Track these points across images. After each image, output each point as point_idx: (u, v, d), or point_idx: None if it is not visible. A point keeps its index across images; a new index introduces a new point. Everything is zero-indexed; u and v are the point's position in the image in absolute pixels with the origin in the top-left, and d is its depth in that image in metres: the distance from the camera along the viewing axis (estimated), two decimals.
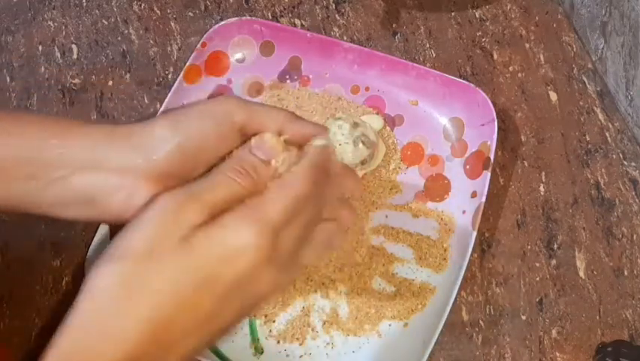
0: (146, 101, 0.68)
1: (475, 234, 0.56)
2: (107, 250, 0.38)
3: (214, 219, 0.38)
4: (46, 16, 0.73)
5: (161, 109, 0.63)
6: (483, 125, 0.61)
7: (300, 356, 0.55)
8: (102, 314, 0.37)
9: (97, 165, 0.42)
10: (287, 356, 0.55)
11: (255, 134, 0.44)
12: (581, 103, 0.66)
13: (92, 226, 0.59)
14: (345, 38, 0.70)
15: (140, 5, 0.73)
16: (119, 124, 0.43)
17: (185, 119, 0.43)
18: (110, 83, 0.69)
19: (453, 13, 0.71)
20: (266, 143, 0.43)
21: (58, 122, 0.44)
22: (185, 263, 0.37)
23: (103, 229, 0.59)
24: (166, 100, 0.63)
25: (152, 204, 0.39)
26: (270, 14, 0.72)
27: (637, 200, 0.62)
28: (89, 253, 0.57)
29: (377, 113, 0.64)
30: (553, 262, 0.60)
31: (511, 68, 0.68)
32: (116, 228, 0.58)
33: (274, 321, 0.56)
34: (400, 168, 0.62)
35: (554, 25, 0.70)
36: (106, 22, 0.72)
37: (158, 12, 0.72)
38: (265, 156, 0.42)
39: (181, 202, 0.38)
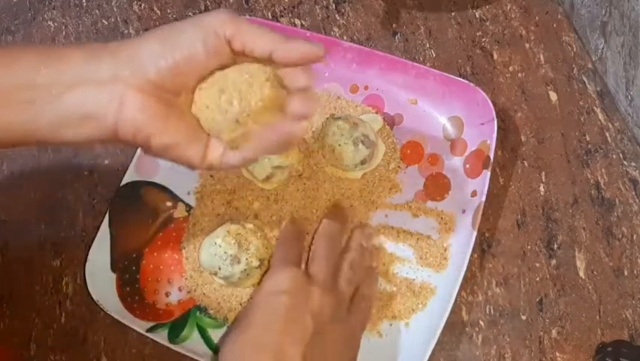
0: None
1: (475, 233, 0.56)
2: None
3: None
4: (46, 16, 0.73)
5: None
6: (483, 124, 0.61)
7: None
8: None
9: (88, 79, 0.42)
10: None
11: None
12: (581, 103, 0.66)
13: (91, 227, 0.60)
14: (345, 38, 0.70)
15: (140, 5, 0.73)
16: (110, 42, 0.44)
17: (174, 34, 0.43)
18: None
19: (453, 13, 0.71)
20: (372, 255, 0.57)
21: (50, 49, 0.44)
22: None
23: (102, 233, 0.59)
24: None
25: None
26: (270, 14, 0.72)
27: (637, 200, 0.62)
28: (88, 258, 0.57)
29: (376, 113, 0.64)
30: (553, 262, 0.60)
31: (511, 68, 0.68)
32: (117, 232, 0.58)
33: None
34: (399, 167, 0.62)
35: (554, 25, 0.70)
36: (106, 22, 0.72)
37: (158, 12, 0.72)
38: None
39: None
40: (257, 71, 0.44)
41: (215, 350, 0.56)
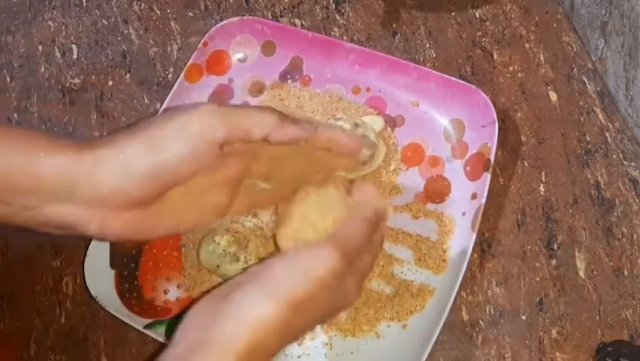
0: (146, 101, 0.68)
1: (474, 236, 0.56)
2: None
3: None
4: (46, 16, 0.73)
5: (162, 108, 0.63)
6: (484, 126, 0.61)
7: (299, 357, 0.55)
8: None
9: (67, 196, 0.41)
10: (285, 355, 0.55)
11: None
12: (581, 103, 0.66)
13: None
14: (345, 38, 0.70)
15: (140, 5, 0.73)
16: (88, 145, 0.41)
17: (160, 141, 0.41)
18: (110, 83, 0.69)
19: (453, 13, 0.71)
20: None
21: (27, 147, 0.41)
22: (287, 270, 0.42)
23: None
24: (167, 99, 0.63)
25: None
26: (270, 14, 0.72)
27: (637, 200, 0.62)
28: (88, 254, 0.57)
29: (378, 114, 0.64)
30: (553, 262, 0.60)
31: (511, 68, 0.68)
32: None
33: None
34: (400, 169, 0.62)
35: (554, 25, 0.70)
36: (106, 22, 0.72)
37: (158, 12, 0.72)
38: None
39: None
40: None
41: None
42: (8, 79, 0.69)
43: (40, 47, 0.71)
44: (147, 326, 0.56)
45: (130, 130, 0.42)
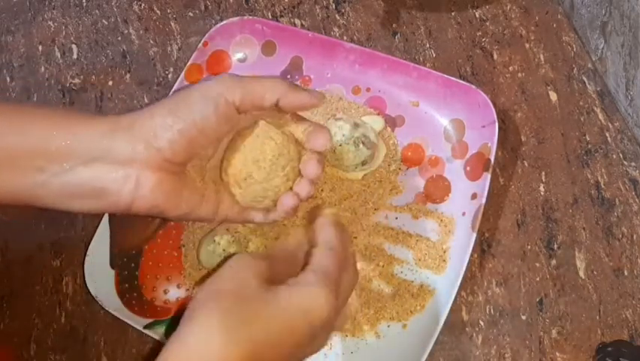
0: (146, 101, 0.68)
1: (475, 236, 0.56)
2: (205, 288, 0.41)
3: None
4: (46, 16, 0.73)
5: None
6: (484, 126, 0.61)
7: None
8: (207, 340, 0.38)
9: (103, 156, 0.43)
10: None
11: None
12: (581, 103, 0.66)
13: (91, 226, 0.60)
14: (345, 38, 0.70)
15: (140, 5, 0.73)
16: (123, 115, 0.44)
17: (184, 106, 0.44)
18: (110, 83, 0.69)
19: (453, 13, 0.71)
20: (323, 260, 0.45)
21: (65, 114, 0.45)
22: (273, 307, 0.40)
23: (102, 229, 0.59)
24: None
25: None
26: (270, 14, 0.72)
27: (637, 200, 0.62)
28: (88, 253, 0.57)
29: (378, 114, 0.64)
30: (553, 262, 0.60)
31: (511, 68, 0.68)
32: (117, 229, 0.58)
33: None
34: (400, 169, 0.62)
35: (554, 25, 0.70)
36: (106, 22, 0.72)
37: (158, 12, 0.72)
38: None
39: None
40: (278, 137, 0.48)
41: None
42: (8, 79, 0.69)
43: (40, 47, 0.71)
44: (147, 326, 0.56)
45: (159, 101, 0.45)
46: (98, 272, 0.58)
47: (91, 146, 0.43)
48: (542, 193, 0.62)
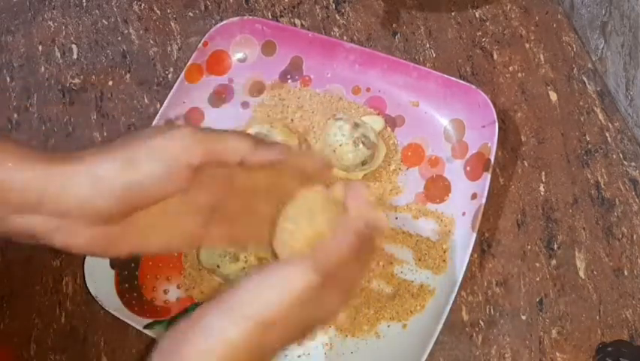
0: (146, 101, 0.68)
1: (474, 236, 0.56)
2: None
3: None
4: (46, 16, 0.73)
5: (162, 108, 0.63)
6: (484, 126, 0.61)
7: (299, 356, 0.55)
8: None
9: (35, 206, 0.40)
10: (285, 356, 0.55)
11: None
12: (581, 103, 0.66)
13: None
14: (345, 38, 0.70)
15: (140, 5, 0.73)
16: (57, 157, 0.41)
17: (135, 160, 0.41)
18: (110, 83, 0.69)
19: (453, 13, 0.71)
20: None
21: (8, 161, 0.41)
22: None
23: None
24: (167, 99, 0.63)
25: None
26: (270, 14, 0.72)
27: (637, 200, 0.62)
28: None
29: (378, 114, 0.64)
30: (553, 262, 0.60)
31: (511, 68, 0.68)
32: None
33: None
34: (400, 169, 0.62)
35: (554, 25, 0.70)
36: (106, 22, 0.72)
37: (158, 12, 0.72)
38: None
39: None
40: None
41: None
42: (8, 79, 0.69)
43: (40, 47, 0.71)
44: (147, 326, 0.56)
45: (105, 147, 0.41)
46: (98, 272, 0.57)
47: (22, 197, 0.40)
48: (542, 193, 0.62)
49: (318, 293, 0.41)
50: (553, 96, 0.67)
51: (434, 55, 0.69)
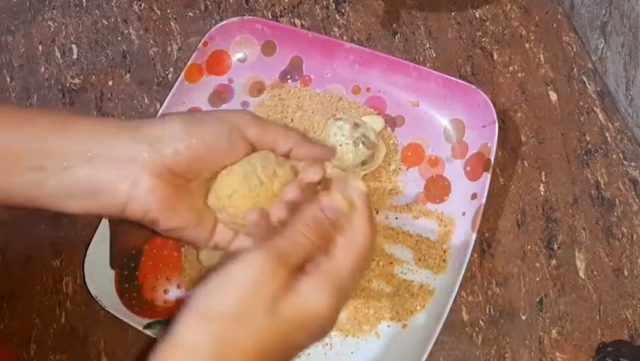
0: (146, 101, 0.68)
1: (475, 236, 0.56)
2: (193, 305, 0.39)
3: (294, 286, 0.40)
4: (46, 16, 0.73)
5: (162, 108, 0.63)
6: (484, 126, 0.61)
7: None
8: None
9: (102, 153, 0.42)
10: None
11: (260, 150, 0.46)
12: (581, 103, 0.66)
13: (91, 226, 0.59)
14: (345, 38, 0.70)
15: (140, 5, 0.73)
16: (130, 119, 0.44)
17: (200, 122, 0.44)
18: (110, 83, 0.69)
19: (453, 13, 0.71)
20: (336, 204, 0.43)
21: (66, 115, 0.45)
22: (271, 328, 0.39)
23: (102, 229, 0.59)
24: (167, 99, 0.63)
25: (243, 264, 0.39)
26: (270, 14, 0.72)
27: (637, 200, 0.62)
28: (88, 253, 0.57)
29: (378, 114, 0.64)
30: (553, 262, 0.60)
31: (511, 68, 0.68)
32: (117, 229, 0.58)
33: None
34: (400, 169, 0.62)
35: (554, 25, 0.70)
36: (106, 22, 0.72)
37: (158, 12, 0.72)
38: (333, 216, 0.42)
39: (270, 267, 0.39)
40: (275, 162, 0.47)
41: None
42: (8, 79, 0.69)
43: (40, 47, 0.71)
44: (147, 326, 0.56)
45: (173, 113, 0.46)
46: (98, 272, 0.57)
47: (90, 146, 0.42)
48: (542, 193, 0.62)
49: (281, 284, 0.39)
50: (553, 96, 0.67)
51: (434, 55, 0.69)
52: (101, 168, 0.42)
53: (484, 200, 0.57)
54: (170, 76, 0.69)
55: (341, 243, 0.42)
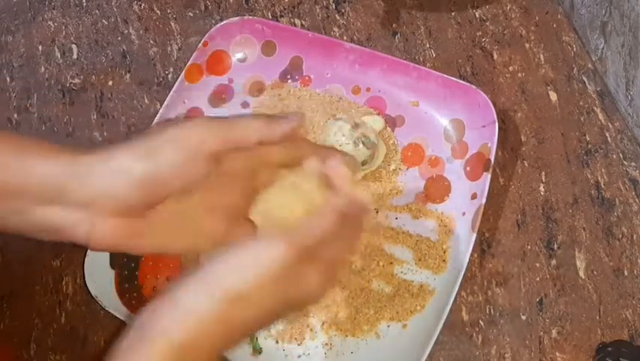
0: (146, 101, 0.68)
1: (474, 236, 0.56)
2: (208, 276, 0.40)
3: None
4: (46, 16, 0.73)
5: (162, 108, 0.63)
6: (484, 126, 0.61)
7: (299, 356, 0.55)
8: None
9: (57, 199, 0.41)
10: (285, 356, 0.55)
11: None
12: (581, 103, 0.66)
13: None
14: (345, 38, 0.70)
15: (140, 5, 0.73)
16: (82, 153, 0.42)
17: (153, 150, 0.42)
18: (110, 83, 0.69)
19: (453, 13, 0.71)
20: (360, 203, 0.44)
21: (21, 149, 0.42)
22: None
23: None
24: (167, 99, 0.63)
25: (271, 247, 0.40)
26: (270, 14, 0.72)
27: (637, 200, 0.62)
28: (88, 253, 0.57)
29: (378, 114, 0.64)
30: (553, 262, 0.60)
31: (511, 68, 0.68)
32: None
33: None
34: (400, 169, 0.62)
35: (554, 25, 0.70)
36: (106, 22, 0.72)
37: (158, 12, 0.72)
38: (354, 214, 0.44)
39: (292, 256, 0.40)
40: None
41: None
42: (8, 79, 0.69)
43: (40, 47, 0.71)
44: None
45: (126, 141, 0.42)
46: (98, 272, 0.57)
47: (45, 188, 0.41)
48: (542, 193, 0.62)
49: (295, 270, 0.40)
50: (553, 96, 0.66)
51: (434, 55, 0.69)
52: (56, 212, 0.41)
53: (484, 200, 0.57)
54: (170, 76, 0.69)
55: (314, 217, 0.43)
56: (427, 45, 0.69)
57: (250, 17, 0.67)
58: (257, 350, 0.55)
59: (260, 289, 0.39)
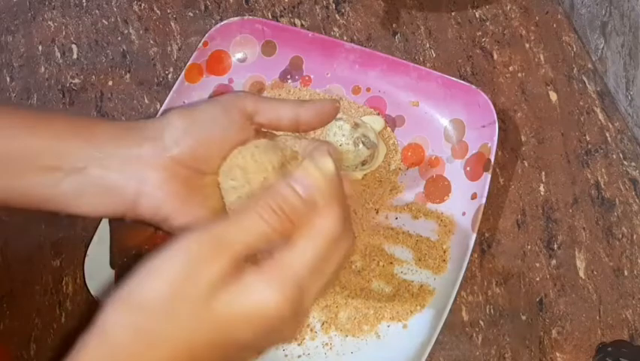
0: (146, 101, 0.68)
1: (474, 236, 0.56)
2: (123, 290, 0.35)
3: (237, 275, 0.35)
4: (46, 16, 0.73)
5: (162, 108, 0.63)
6: (484, 126, 0.61)
7: (299, 357, 0.55)
8: None
9: (113, 155, 0.43)
10: (285, 356, 0.55)
11: (268, 131, 0.46)
12: (581, 103, 0.66)
13: (91, 227, 0.59)
14: (345, 38, 0.70)
15: (140, 5, 0.73)
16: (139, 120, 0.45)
17: (195, 109, 0.45)
18: (110, 83, 0.69)
19: (453, 13, 0.71)
20: (309, 177, 0.37)
21: (80, 118, 0.46)
22: (204, 324, 0.35)
23: (102, 229, 0.59)
24: (167, 99, 0.63)
25: (177, 247, 0.35)
26: (270, 14, 0.72)
27: (637, 200, 0.62)
28: (88, 253, 0.57)
29: (378, 114, 0.64)
30: (553, 262, 0.60)
31: (511, 68, 0.68)
32: (117, 229, 0.58)
33: None
34: (400, 169, 0.62)
35: (554, 25, 0.70)
36: (106, 22, 0.72)
37: (158, 12, 0.72)
38: (305, 193, 0.36)
39: (208, 252, 0.35)
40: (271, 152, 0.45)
41: None
42: (8, 79, 0.69)
43: (40, 47, 0.71)
44: None
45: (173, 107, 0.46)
46: (98, 272, 0.57)
47: (102, 148, 0.43)
48: (542, 193, 0.62)
49: (237, 279, 0.35)
50: (553, 96, 0.67)
51: (434, 55, 0.69)
52: (110, 168, 0.43)
53: (484, 200, 0.57)
54: (170, 76, 0.69)
55: (304, 231, 0.36)
56: (427, 45, 0.69)
57: (250, 17, 0.67)
58: None
59: (179, 302, 0.35)
